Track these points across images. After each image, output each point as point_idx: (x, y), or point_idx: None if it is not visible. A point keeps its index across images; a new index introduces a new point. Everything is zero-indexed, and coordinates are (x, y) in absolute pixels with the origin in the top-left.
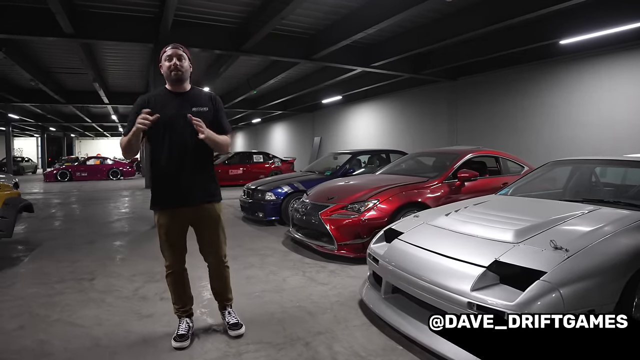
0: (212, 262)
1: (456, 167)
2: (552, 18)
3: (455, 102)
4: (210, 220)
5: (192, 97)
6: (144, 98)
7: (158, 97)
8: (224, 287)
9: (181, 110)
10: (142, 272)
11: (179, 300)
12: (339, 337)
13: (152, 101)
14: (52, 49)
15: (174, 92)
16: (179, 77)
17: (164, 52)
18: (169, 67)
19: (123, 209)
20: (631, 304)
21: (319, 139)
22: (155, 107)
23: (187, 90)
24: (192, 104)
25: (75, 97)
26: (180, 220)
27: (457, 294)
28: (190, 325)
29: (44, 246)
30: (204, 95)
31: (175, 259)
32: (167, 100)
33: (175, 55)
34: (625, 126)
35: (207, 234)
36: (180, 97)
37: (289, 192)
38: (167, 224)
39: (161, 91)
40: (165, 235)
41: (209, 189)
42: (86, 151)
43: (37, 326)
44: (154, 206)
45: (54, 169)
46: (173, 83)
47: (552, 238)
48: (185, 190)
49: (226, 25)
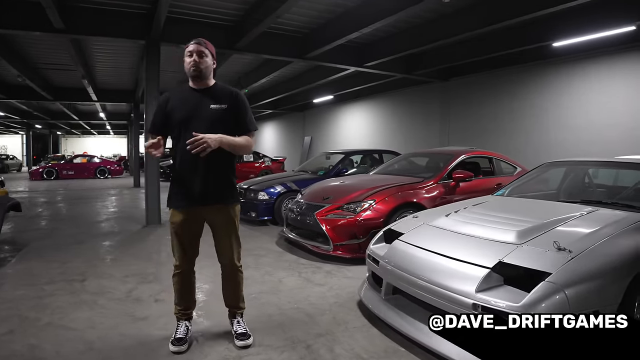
0: (225, 263)
1: (451, 167)
2: (546, 20)
3: (446, 102)
4: (224, 222)
5: (213, 93)
6: (166, 95)
7: (179, 93)
8: (237, 294)
9: (198, 108)
10: (135, 273)
11: (182, 302)
12: (340, 339)
13: (172, 98)
14: (40, 44)
15: (195, 88)
16: (197, 74)
17: (186, 47)
18: (189, 63)
19: (112, 208)
20: (633, 304)
21: (310, 139)
22: (174, 103)
23: (210, 86)
24: (211, 100)
25: (62, 93)
26: (193, 220)
27: (461, 295)
28: (189, 329)
29: (32, 246)
30: (226, 91)
31: (185, 259)
32: (188, 97)
33: (196, 51)
34: (614, 129)
35: (220, 236)
36: (200, 94)
37: (281, 191)
38: (180, 223)
39: (184, 87)
40: (177, 234)
41: (225, 190)
42: (72, 149)
43: (27, 330)
44: (169, 204)
45: (40, 167)
46: (192, 79)
47: (553, 239)
48: (199, 190)
49: (220, 23)
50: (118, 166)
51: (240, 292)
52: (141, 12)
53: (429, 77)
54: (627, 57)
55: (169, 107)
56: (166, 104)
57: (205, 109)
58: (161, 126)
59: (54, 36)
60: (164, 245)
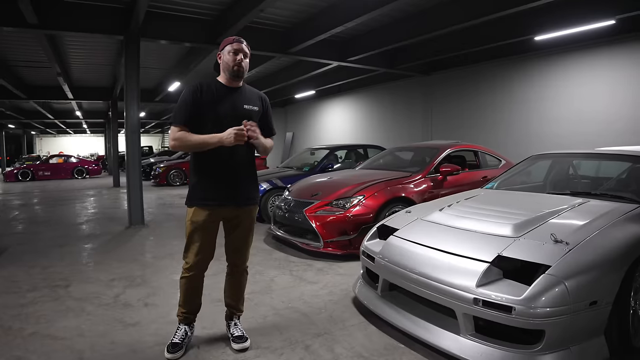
0: (237, 261)
1: (438, 161)
2: (527, 14)
3: (429, 96)
4: (246, 221)
5: (244, 94)
6: (196, 84)
7: (210, 88)
8: (239, 295)
9: (234, 107)
10: (121, 277)
11: (187, 305)
12: (338, 338)
13: (204, 90)
14: (13, 40)
15: (227, 86)
16: (241, 75)
17: (228, 43)
18: (234, 61)
19: (92, 209)
20: (629, 294)
21: (292, 135)
22: (207, 97)
23: (240, 86)
24: (244, 101)
25: (37, 92)
26: (217, 220)
27: (461, 290)
28: (188, 334)
29: (10, 251)
30: (255, 94)
31: (200, 262)
32: (220, 94)
33: (242, 51)
34: (594, 121)
35: (239, 234)
36: (233, 93)
37: (267, 188)
38: (202, 222)
39: (213, 82)
40: (197, 234)
41: (252, 191)
42: (48, 149)
43: (11, 341)
44: (192, 201)
45: (14, 168)
46: (232, 78)
47: (549, 231)
48: (232, 190)
49: (201, 17)
50: (96, 166)
51: (242, 294)
52: (119, 6)
53: (411, 71)
54: (607, 50)
55: (203, 99)
56: (200, 95)
57: (240, 108)
58: (193, 118)
59: (27, 32)
60: (149, 247)
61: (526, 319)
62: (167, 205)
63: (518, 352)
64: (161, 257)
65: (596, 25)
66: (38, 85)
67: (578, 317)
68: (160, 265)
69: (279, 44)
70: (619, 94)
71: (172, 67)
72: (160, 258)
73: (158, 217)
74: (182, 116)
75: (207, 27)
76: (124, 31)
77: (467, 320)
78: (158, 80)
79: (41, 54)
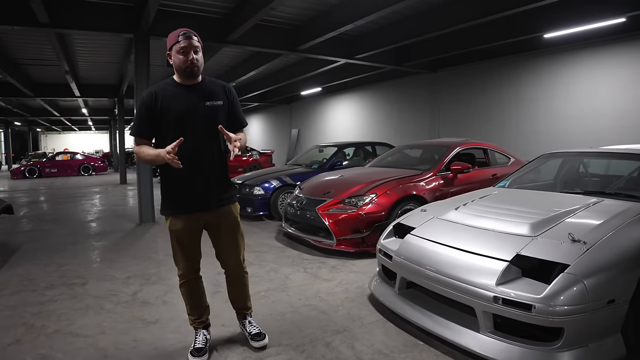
0: (231, 266)
1: (448, 159)
2: (537, 12)
3: (436, 94)
4: (229, 222)
5: (205, 90)
6: (150, 92)
7: (166, 91)
8: (244, 295)
9: (195, 105)
10: (137, 274)
11: (195, 311)
12: (358, 335)
13: (159, 95)
14: (22, 38)
15: (184, 84)
16: (196, 73)
17: (175, 42)
18: (185, 61)
19: (101, 207)
20: None
21: (297, 131)
22: (163, 101)
23: (199, 82)
24: (205, 98)
25: (44, 90)
26: (195, 226)
27: (481, 289)
28: (208, 338)
29: (24, 249)
30: (219, 86)
31: (189, 267)
32: (178, 95)
33: (192, 47)
34: (602, 119)
35: (226, 238)
36: (191, 91)
37: (277, 186)
38: (181, 230)
39: (169, 83)
40: (179, 242)
41: (225, 190)
42: (53, 146)
43: (35, 339)
44: (165, 211)
45: (21, 165)
46: (187, 77)
47: (567, 231)
48: (201, 194)
49: (212, 15)
50: (102, 163)
51: (248, 293)
52: (129, 5)
53: (419, 68)
54: (616, 48)
55: (159, 105)
56: (154, 103)
57: (201, 106)
58: (150, 128)
59: (37, 31)
60: (161, 244)
61: (546, 317)
62: None
63: (537, 349)
64: None
65: (606, 23)
66: (45, 83)
67: (596, 315)
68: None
69: (288, 42)
70: (629, 91)
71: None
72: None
73: None
74: (136, 128)
75: (217, 25)
76: (134, 29)
77: (487, 318)
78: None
79: (49, 52)
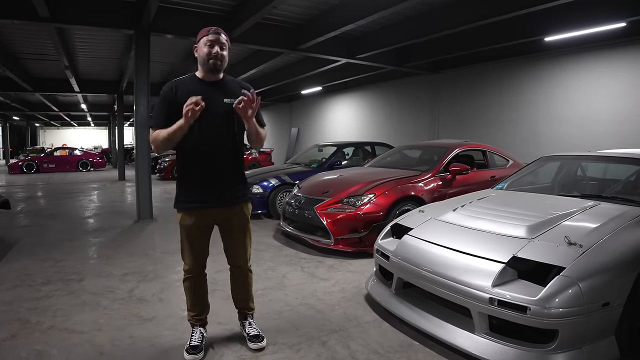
0: (237, 263)
1: (447, 160)
2: (538, 15)
3: (436, 95)
4: (240, 221)
5: (225, 86)
6: (171, 86)
7: (186, 85)
8: (247, 295)
9: (213, 101)
10: (134, 271)
11: (195, 308)
12: (353, 335)
13: (180, 89)
14: (22, 33)
15: (206, 80)
16: (218, 67)
17: (204, 35)
18: (210, 54)
19: (99, 203)
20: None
21: (297, 130)
22: (182, 95)
23: (220, 79)
24: (224, 94)
25: (43, 84)
26: (207, 222)
27: (477, 290)
28: (205, 335)
29: (21, 244)
30: (237, 84)
31: (196, 263)
32: (198, 90)
33: (218, 42)
34: (603, 122)
35: (235, 236)
36: (212, 87)
37: (276, 184)
38: (192, 226)
39: (189, 79)
40: (188, 237)
41: (241, 189)
42: (51, 141)
43: (30, 335)
44: (178, 205)
45: (19, 160)
46: (209, 71)
47: (563, 234)
48: (217, 190)
49: (213, 13)
50: (101, 158)
51: (251, 293)
52: (130, 0)
53: (420, 69)
54: (617, 52)
55: (178, 99)
56: (174, 96)
57: (219, 102)
58: (168, 120)
59: (37, 25)
60: (159, 241)
61: (541, 319)
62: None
63: (531, 351)
64: (171, 252)
65: (606, 27)
66: (45, 78)
67: (591, 317)
68: (172, 260)
69: (289, 41)
70: (628, 95)
71: (180, 62)
72: (170, 253)
73: (165, 211)
74: (155, 120)
75: (218, 23)
76: (135, 25)
77: (482, 319)
78: (165, 74)
79: (48, 47)
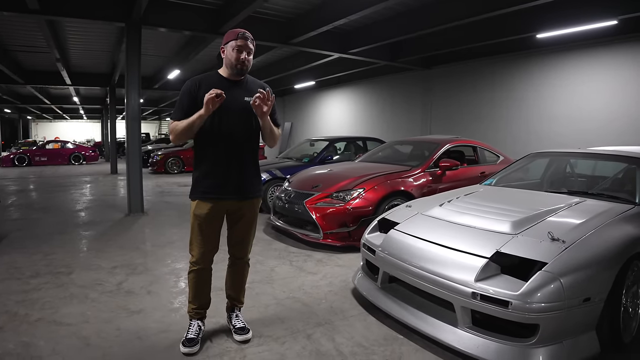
0: (240, 256)
1: (437, 156)
2: (530, 11)
3: (428, 90)
4: (250, 215)
5: (246, 86)
6: (194, 81)
7: (210, 82)
8: (240, 287)
9: (234, 100)
10: (123, 264)
11: (197, 300)
12: (339, 328)
13: (203, 85)
14: (10, 24)
15: (228, 79)
16: (244, 72)
17: (232, 39)
18: (238, 59)
19: (91, 196)
20: (621, 292)
21: (290, 125)
22: (205, 92)
23: (242, 79)
24: (245, 93)
25: (34, 77)
26: (219, 213)
27: (460, 285)
28: (202, 329)
29: (11, 238)
30: (258, 85)
31: (205, 254)
32: (220, 87)
33: (246, 48)
34: (593, 120)
35: (243, 227)
36: (233, 85)
37: (267, 179)
38: (205, 216)
39: (213, 76)
40: (200, 227)
41: (255, 183)
42: (43, 134)
43: (18, 327)
44: (194, 195)
45: (10, 153)
46: (234, 74)
47: (547, 229)
48: (234, 183)
49: (205, 6)
50: (93, 152)
51: (244, 286)
52: None
53: (412, 64)
54: (608, 50)
55: (200, 95)
56: (197, 91)
57: (239, 100)
58: (189, 113)
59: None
60: (149, 235)
61: (522, 314)
62: (165, 193)
63: (513, 345)
64: (161, 245)
65: (598, 25)
66: (36, 70)
67: (572, 312)
68: (161, 253)
69: (281, 35)
70: (619, 93)
71: (172, 55)
72: (160, 246)
73: (157, 205)
74: (177, 113)
75: (210, 16)
76: (126, 18)
77: (465, 314)
78: (157, 67)
79: (40, 39)
